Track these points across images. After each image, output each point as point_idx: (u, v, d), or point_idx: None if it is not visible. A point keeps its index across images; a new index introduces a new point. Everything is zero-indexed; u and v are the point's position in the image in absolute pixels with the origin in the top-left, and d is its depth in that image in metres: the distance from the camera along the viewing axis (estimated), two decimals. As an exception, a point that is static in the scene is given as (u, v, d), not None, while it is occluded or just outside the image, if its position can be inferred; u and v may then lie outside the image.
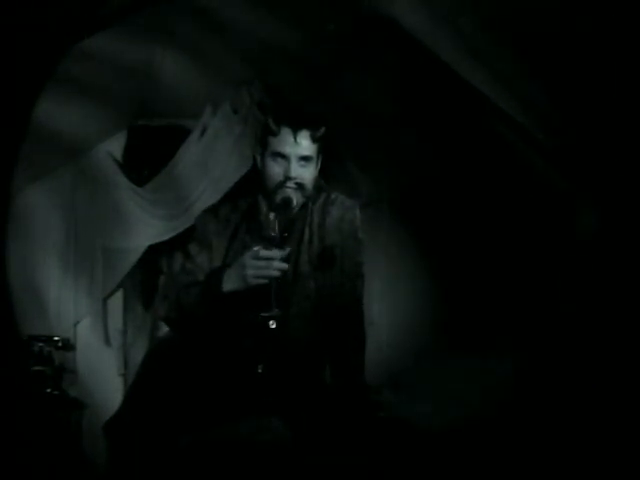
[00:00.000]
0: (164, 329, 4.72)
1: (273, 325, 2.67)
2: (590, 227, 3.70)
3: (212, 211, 2.87)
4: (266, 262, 2.55)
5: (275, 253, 2.56)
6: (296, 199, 2.70)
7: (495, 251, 4.19)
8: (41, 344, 4.42)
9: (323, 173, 2.87)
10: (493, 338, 4.04)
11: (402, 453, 2.90)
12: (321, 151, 2.77)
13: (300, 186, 2.70)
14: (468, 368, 4.01)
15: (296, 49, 4.09)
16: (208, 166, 4.80)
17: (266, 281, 2.56)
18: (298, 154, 2.69)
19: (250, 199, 2.84)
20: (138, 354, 4.62)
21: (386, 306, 4.52)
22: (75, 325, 5.01)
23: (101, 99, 4.53)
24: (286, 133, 2.69)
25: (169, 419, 2.55)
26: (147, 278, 5.03)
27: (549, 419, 3.58)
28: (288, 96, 4.46)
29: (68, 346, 4.61)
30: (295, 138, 2.68)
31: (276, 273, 2.55)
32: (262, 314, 2.59)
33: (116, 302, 5.10)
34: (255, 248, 2.57)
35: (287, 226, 2.74)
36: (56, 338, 4.51)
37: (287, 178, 2.68)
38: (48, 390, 4.34)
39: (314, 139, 2.71)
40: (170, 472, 2.52)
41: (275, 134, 2.70)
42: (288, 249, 2.60)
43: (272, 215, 2.61)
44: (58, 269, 5.02)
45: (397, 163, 4.55)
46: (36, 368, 4.34)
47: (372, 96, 4.29)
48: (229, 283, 2.61)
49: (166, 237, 4.88)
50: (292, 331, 2.69)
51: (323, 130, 2.73)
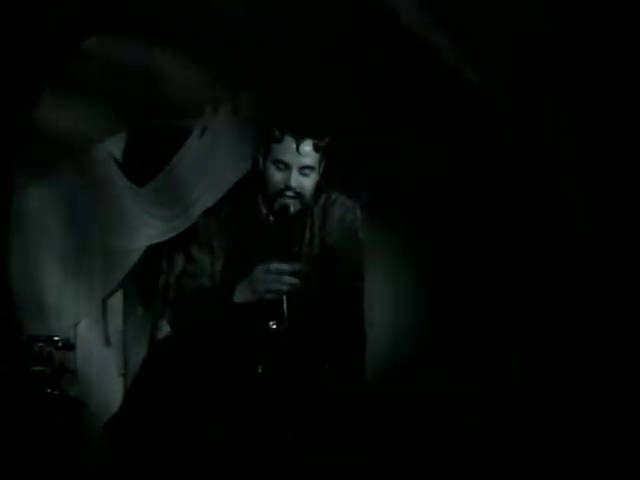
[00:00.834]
0: (164, 329, 4.73)
1: (274, 326, 2.68)
2: (590, 228, 3.70)
3: (213, 212, 2.87)
4: (276, 276, 2.54)
5: (285, 267, 2.55)
6: (294, 207, 2.69)
7: (495, 251, 4.18)
8: (41, 344, 4.42)
9: (323, 173, 2.86)
10: (493, 338, 4.04)
11: (402, 453, 2.91)
12: (324, 158, 2.75)
13: (299, 195, 2.69)
14: (468, 368, 4.01)
15: (296, 49, 4.09)
16: (208, 166, 4.80)
17: (277, 296, 2.56)
18: (300, 164, 2.66)
19: (251, 201, 2.83)
20: (138, 354, 4.62)
21: (386, 306, 4.52)
22: (75, 325, 5.01)
23: (101, 99, 4.53)
24: (289, 141, 2.65)
25: (169, 419, 2.55)
26: (147, 278, 5.03)
27: (549, 419, 3.58)
28: (288, 96, 4.46)
29: (68, 346, 4.61)
30: (298, 147, 2.64)
31: (286, 288, 2.55)
32: (273, 326, 2.61)
33: (116, 302, 5.10)
34: (267, 264, 2.56)
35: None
36: (56, 338, 4.51)
37: (287, 187, 2.67)
38: (48, 390, 4.34)
39: (317, 148, 2.68)
40: (170, 472, 2.52)
41: (278, 141, 2.67)
42: (298, 264, 2.58)
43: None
44: (58, 269, 5.03)
45: (397, 163, 4.55)
46: (36, 368, 4.34)
47: (372, 96, 4.29)
48: (240, 295, 2.60)
49: (166, 237, 4.88)
50: (292, 331, 2.69)
51: (327, 140, 2.71)
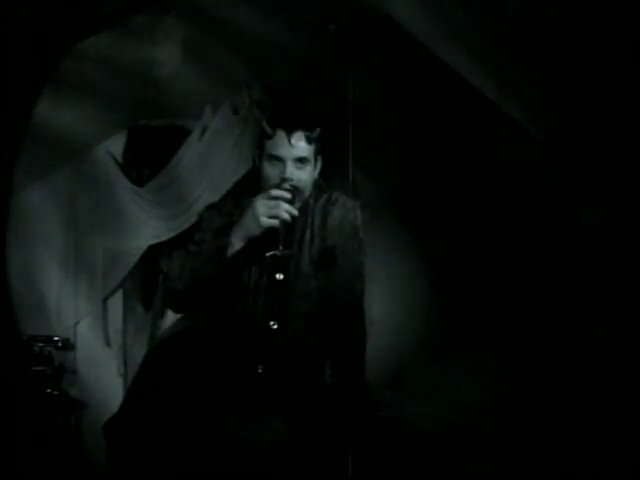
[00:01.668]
0: (164, 329, 4.74)
1: (274, 326, 2.68)
2: (590, 227, 3.70)
3: (215, 207, 2.88)
4: (276, 202, 2.58)
5: (286, 194, 2.60)
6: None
7: (495, 251, 4.19)
8: (41, 344, 4.43)
9: (323, 173, 2.86)
10: (493, 338, 4.04)
11: (402, 453, 2.91)
12: (319, 152, 2.76)
13: (296, 189, 2.69)
14: (468, 368, 4.02)
15: (296, 49, 4.09)
16: (208, 166, 4.81)
17: (277, 222, 2.58)
18: (293, 156, 2.68)
19: (252, 197, 2.84)
20: (138, 354, 4.61)
21: (386, 306, 4.52)
22: (75, 325, 5.01)
23: (101, 99, 4.54)
24: (281, 136, 2.68)
25: (169, 419, 2.55)
26: (147, 278, 5.03)
27: (549, 419, 3.58)
28: (288, 96, 4.46)
29: (68, 346, 4.62)
30: (290, 140, 2.67)
31: (286, 215, 2.58)
32: (268, 253, 2.62)
33: (116, 302, 5.10)
34: (267, 192, 2.62)
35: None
36: (56, 338, 4.52)
37: (283, 179, 2.68)
38: (48, 390, 4.34)
39: (309, 140, 2.70)
40: (170, 472, 2.52)
41: (270, 137, 2.70)
42: (296, 195, 2.63)
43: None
44: (58, 269, 5.03)
45: (397, 163, 4.55)
46: (36, 368, 4.34)
47: (372, 96, 4.29)
48: (239, 230, 2.62)
49: (166, 237, 4.88)
50: (293, 331, 2.69)
51: (318, 131, 2.72)
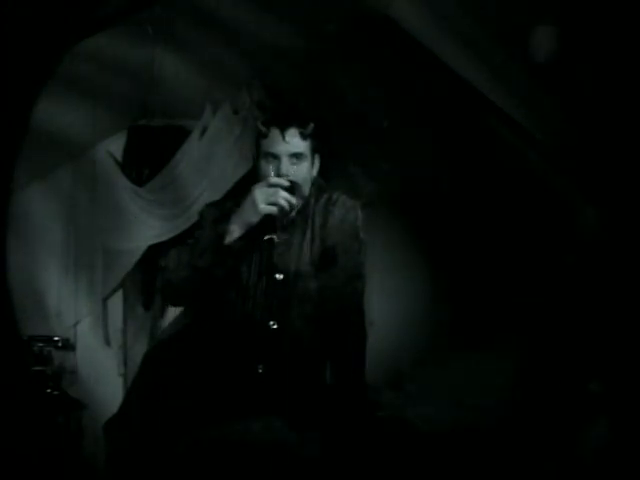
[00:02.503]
0: (164, 329, 4.74)
1: (274, 326, 2.68)
2: (590, 226, 3.70)
3: (216, 205, 2.88)
4: (275, 189, 2.61)
5: (284, 182, 2.64)
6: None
7: (495, 250, 4.19)
8: (41, 344, 4.42)
9: (323, 173, 2.86)
10: (494, 337, 4.04)
11: (402, 453, 2.91)
12: (316, 149, 2.77)
13: (293, 184, 2.70)
14: (469, 368, 4.02)
15: (296, 49, 4.09)
16: (208, 166, 4.81)
17: (274, 209, 2.60)
18: (288, 152, 2.70)
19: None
20: (138, 354, 4.61)
21: (386, 306, 4.51)
22: (75, 325, 5.01)
23: (101, 99, 4.54)
24: (275, 134, 2.70)
25: (169, 419, 2.55)
26: (147, 278, 5.03)
27: (549, 419, 3.58)
28: (288, 96, 4.46)
29: (68, 346, 4.62)
30: (284, 137, 2.69)
31: (283, 202, 2.61)
32: (266, 237, 2.65)
33: (116, 302, 5.10)
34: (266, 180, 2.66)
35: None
36: (56, 338, 4.52)
37: (279, 175, 2.69)
38: (48, 390, 4.34)
39: (304, 136, 2.72)
40: (170, 472, 2.52)
41: (265, 136, 2.72)
42: (293, 177, 2.66)
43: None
44: (58, 269, 5.03)
45: (397, 163, 4.55)
46: (36, 368, 4.34)
47: (372, 96, 4.29)
48: (237, 219, 2.64)
49: (166, 237, 4.88)
50: (293, 331, 2.69)
51: (312, 126, 2.73)
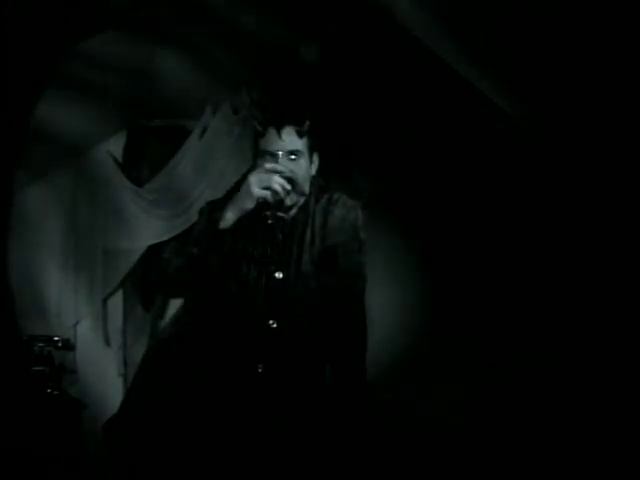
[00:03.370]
0: (164, 329, 4.74)
1: (274, 325, 2.68)
2: (590, 226, 3.71)
3: (216, 203, 2.88)
4: (269, 175, 2.63)
5: (280, 167, 2.66)
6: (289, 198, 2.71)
7: (496, 250, 4.19)
8: (41, 344, 4.43)
9: (323, 173, 2.87)
10: (494, 338, 4.04)
11: (402, 453, 2.91)
12: (314, 147, 2.78)
13: (290, 180, 2.70)
14: (469, 368, 4.01)
15: (296, 49, 4.09)
16: (208, 166, 4.81)
17: (268, 193, 2.62)
18: (285, 149, 2.71)
19: None
20: (138, 354, 4.61)
21: (386, 306, 4.52)
22: (75, 325, 5.01)
23: (101, 99, 4.54)
24: (272, 133, 2.72)
25: (169, 419, 2.55)
26: (147, 278, 5.03)
27: (549, 419, 3.58)
28: (287, 96, 4.46)
29: (68, 346, 4.62)
30: (280, 135, 2.71)
31: (277, 186, 2.63)
32: (263, 213, 2.68)
33: (116, 302, 5.10)
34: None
35: (288, 225, 2.75)
36: (56, 338, 4.52)
37: (276, 172, 2.70)
38: (48, 390, 4.34)
39: (300, 134, 2.73)
40: (170, 472, 2.52)
41: (262, 135, 2.74)
42: (289, 169, 2.68)
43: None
44: (58, 269, 5.03)
45: (397, 163, 4.55)
46: (36, 368, 4.34)
47: (372, 96, 4.29)
48: (232, 206, 2.66)
49: (166, 237, 4.88)
50: (292, 331, 2.69)
51: (308, 124, 2.75)
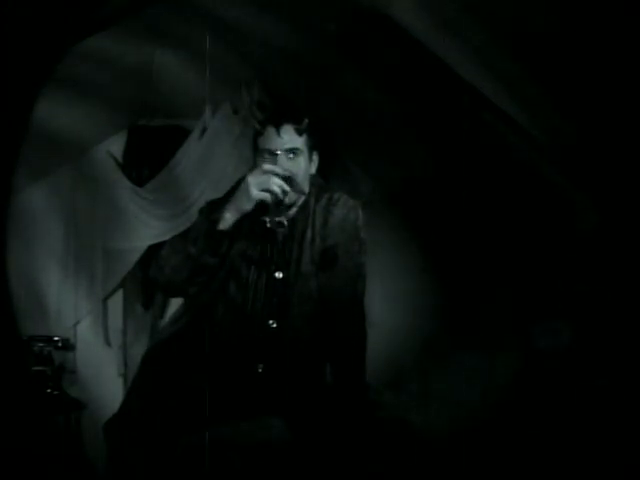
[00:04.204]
0: (164, 329, 4.73)
1: (274, 325, 2.68)
2: (590, 226, 3.70)
3: (216, 203, 2.88)
4: (268, 176, 2.62)
5: (278, 169, 2.66)
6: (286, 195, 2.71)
7: (496, 250, 4.19)
8: (41, 344, 4.42)
9: (323, 173, 2.87)
10: (494, 338, 4.04)
11: (402, 454, 2.91)
12: (313, 145, 2.78)
13: (289, 179, 2.70)
14: (469, 368, 4.01)
15: (296, 49, 4.09)
16: (208, 166, 4.80)
17: (267, 195, 2.61)
18: (284, 147, 2.71)
19: None
20: (138, 354, 4.60)
21: (386, 306, 4.51)
22: (75, 325, 5.01)
23: (101, 99, 4.53)
24: (270, 131, 2.73)
25: (169, 419, 2.55)
26: (147, 278, 5.03)
27: (550, 420, 3.58)
28: (288, 96, 4.46)
29: (68, 346, 4.62)
30: (279, 133, 2.72)
31: (276, 188, 2.62)
32: (262, 217, 2.67)
33: (116, 302, 5.10)
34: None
35: (288, 225, 2.75)
36: (56, 338, 4.52)
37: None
38: (48, 390, 4.34)
39: (299, 132, 2.74)
40: (170, 472, 2.52)
41: (261, 134, 2.75)
42: (289, 171, 2.68)
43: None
44: (58, 269, 5.03)
45: (397, 163, 4.55)
46: (36, 368, 4.34)
47: (372, 96, 4.29)
48: (231, 205, 2.65)
49: (166, 237, 4.85)
50: (292, 331, 2.69)
51: (306, 122, 2.75)
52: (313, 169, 2.80)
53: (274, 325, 2.67)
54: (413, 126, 4.34)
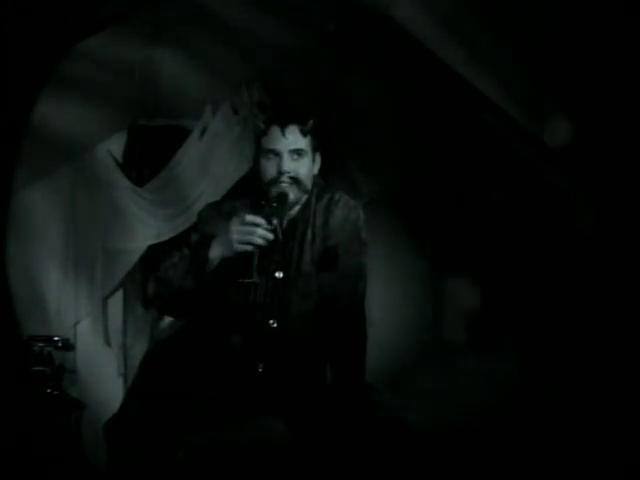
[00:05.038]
0: (164, 329, 4.74)
1: (274, 324, 2.68)
2: (590, 226, 3.71)
3: (215, 206, 2.88)
4: (250, 228, 2.57)
5: (260, 220, 2.58)
6: (292, 194, 2.70)
7: (495, 250, 4.19)
8: (41, 344, 4.42)
9: (324, 173, 2.86)
10: (493, 338, 4.04)
11: (402, 454, 2.90)
12: (317, 146, 2.77)
13: (295, 180, 2.70)
14: (468, 368, 4.01)
15: (296, 49, 4.09)
16: (208, 166, 4.80)
17: (250, 248, 2.56)
18: (289, 148, 2.70)
19: (252, 197, 2.84)
20: (138, 354, 4.62)
21: (386, 306, 4.51)
22: (75, 325, 5.02)
23: (101, 99, 4.54)
24: (275, 131, 2.71)
25: (169, 419, 2.55)
26: (147, 278, 5.03)
27: (549, 419, 3.58)
28: (288, 96, 4.46)
29: (68, 346, 4.62)
30: (284, 134, 2.70)
31: (260, 241, 2.57)
32: (241, 280, 2.58)
33: (116, 302, 5.10)
34: (242, 215, 2.61)
35: (289, 225, 2.75)
36: (56, 338, 4.52)
37: (280, 173, 2.69)
38: (48, 390, 4.34)
39: (304, 133, 2.72)
40: (170, 472, 2.52)
41: (265, 133, 2.72)
42: (275, 220, 2.63)
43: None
44: (58, 269, 5.03)
45: (397, 163, 4.55)
46: (36, 368, 4.34)
47: (372, 96, 4.29)
48: (216, 249, 2.63)
49: (166, 237, 4.88)
50: (293, 331, 2.69)
51: (311, 123, 2.74)
52: (315, 169, 2.80)
53: (274, 325, 2.67)
54: (413, 126, 4.34)
